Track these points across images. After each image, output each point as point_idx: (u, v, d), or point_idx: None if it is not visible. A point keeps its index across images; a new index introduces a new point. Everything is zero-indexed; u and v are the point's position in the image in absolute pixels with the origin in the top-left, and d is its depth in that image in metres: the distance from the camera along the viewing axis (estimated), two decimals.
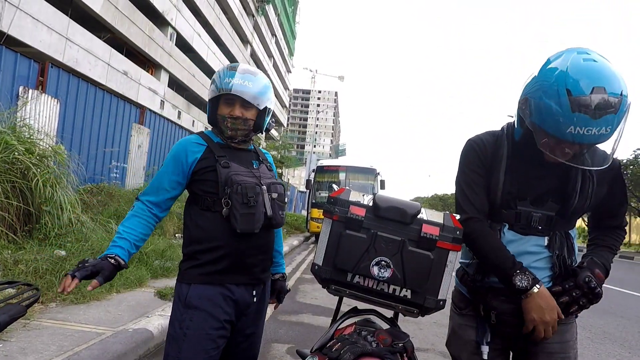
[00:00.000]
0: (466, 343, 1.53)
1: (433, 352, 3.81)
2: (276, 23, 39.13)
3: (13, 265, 3.67)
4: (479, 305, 1.49)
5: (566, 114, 1.15)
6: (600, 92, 1.12)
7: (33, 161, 4.55)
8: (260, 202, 1.57)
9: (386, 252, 1.38)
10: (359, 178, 14.98)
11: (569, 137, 1.17)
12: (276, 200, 1.64)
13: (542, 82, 1.22)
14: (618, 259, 19.80)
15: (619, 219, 1.52)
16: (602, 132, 1.15)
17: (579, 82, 1.14)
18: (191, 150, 1.61)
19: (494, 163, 1.43)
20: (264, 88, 1.65)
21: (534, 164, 1.39)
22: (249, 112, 1.63)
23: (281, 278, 1.91)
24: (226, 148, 1.66)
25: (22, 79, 6.33)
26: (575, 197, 1.37)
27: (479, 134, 1.53)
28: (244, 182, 1.56)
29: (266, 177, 1.67)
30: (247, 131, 1.66)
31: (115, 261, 1.49)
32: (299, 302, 5.39)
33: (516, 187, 1.41)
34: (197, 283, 1.56)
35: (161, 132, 10.73)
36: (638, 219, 29.74)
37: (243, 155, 1.69)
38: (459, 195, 1.50)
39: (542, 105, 1.20)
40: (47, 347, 2.59)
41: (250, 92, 1.59)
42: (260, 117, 1.67)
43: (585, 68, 1.16)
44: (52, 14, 11.97)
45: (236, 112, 1.61)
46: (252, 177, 1.61)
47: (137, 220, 1.59)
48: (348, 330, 1.49)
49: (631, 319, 5.81)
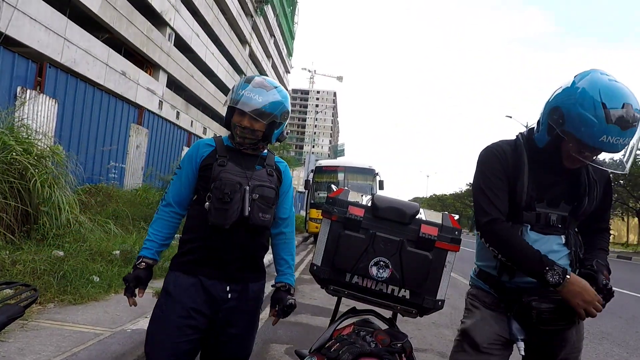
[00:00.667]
0: (495, 333, 1.56)
1: (432, 353, 3.81)
2: (275, 23, 39.11)
3: (11, 265, 3.66)
4: (512, 304, 1.51)
5: (602, 124, 1.29)
6: (629, 108, 1.30)
7: (31, 161, 4.54)
8: (236, 199, 1.61)
9: (385, 252, 1.38)
10: (358, 178, 14.99)
11: (601, 145, 1.32)
12: (257, 201, 1.66)
13: (577, 95, 1.36)
14: (616, 259, 19.84)
15: (605, 222, 1.69)
16: (626, 142, 1.32)
17: (612, 97, 1.31)
18: (202, 149, 1.75)
19: (516, 170, 1.54)
20: (274, 103, 1.67)
21: (550, 170, 1.53)
22: (258, 123, 1.67)
23: (283, 287, 1.83)
24: (234, 151, 1.74)
25: (20, 79, 6.32)
26: (586, 199, 1.52)
27: (497, 142, 1.64)
28: (226, 178, 1.63)
29: (258, 179, 1.70)
30: (255, 140, 1.72)
31: (145, 264, 1.72)
32: (298, 303, 5.37)
33: (535, 190, 1.52)
34: (175, 270, 1.70)
35: (160, 133, 10.72)
36: (635, 220, 29.82)
37: (248, 159, 1.75)
38: (481, 199, 1.54)
39: (578, 116, 1.33)
40: (45, 348, 2.58)
41: (256, 107, 1.64)
42: (269, 129, 1.71)
43: (614, 86, 1.33)
44: (50, 14, 11.94)
45: (245, 122, 1.67)
46: (240, 177, 1.66)
47: (162, 222, 1.77)
48: (347, 331, 1.49)
49: (629, 319, 5.82)
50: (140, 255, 1.74)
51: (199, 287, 1.64)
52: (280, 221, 1.86)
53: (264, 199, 1.68)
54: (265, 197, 1.68)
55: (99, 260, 4.51)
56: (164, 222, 1.77)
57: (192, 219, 1.73)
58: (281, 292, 1.83)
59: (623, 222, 33.01)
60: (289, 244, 1.89)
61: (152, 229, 1.76)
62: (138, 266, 1.72)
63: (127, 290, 1.71)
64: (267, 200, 1.69)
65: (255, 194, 1.66)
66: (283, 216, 1.86)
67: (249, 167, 1.72)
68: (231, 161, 1.69)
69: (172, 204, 1.76)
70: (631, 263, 18.25)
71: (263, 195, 1.68)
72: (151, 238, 1.75)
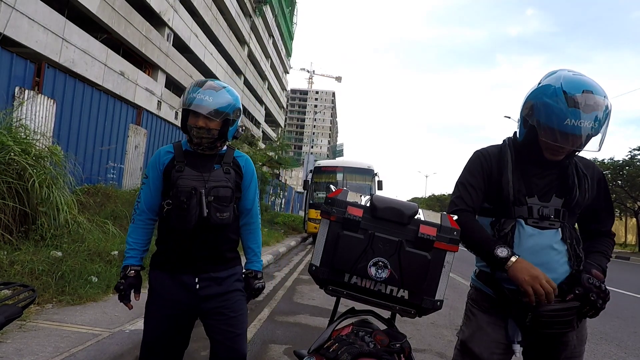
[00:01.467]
0: (494, 341, 1.59)
1: (430, 353, 3.81)
2: (273, 24, 39.09)
3: (9, 266, 3.65)
4: (510, 306, 1.54)
5: (563, 108, 1.42)
6: (589, 94, 1.42)
7: (29, 162, 4.53)
8: (193, 204, 1.74)
9: (383, 252, 1.38)
10: (357, 179, 15.00)
11: (565, 128, 1.41)
12: (213, 202, 1.77)
13: (543, 88, 1.50)
14: (614, 260, 19.88)
15: (606, 225, 1.69)
16: (592, 126, 1.41)
17: (573, 86, 1.43)
18: (163, 157, 1.88)
19: (500, 167, 1.64)
20: (225, 102, 1.79)
21: (536, 163, 1.61)
22: (213, 122, 1.79)
23: (250, 274, 1.99)
24: (192, 155, 1.87)
25: (18, 80, 6.30)
26: (575, 190, 1.57)
27: (485, 147, 1.75)
28: (183, 185, 1.76)
29: (215, 180, 1.81)
30: (211, 139, 1.83)
31: (134, 271, 1.86)
32: (297, 303, 5.38)
33: (523, 185, 1.60)
34: (154, 269, 1.89)
35: (158, 133, 10.70)
36: (633, 220, 29.89)
37: (206, 160, 1.87)
38: (454, 192, 1.70)
39: (544, 104, 1.47)
40: (43, 349, 2.58)
41: (209, 107, 1.76)
42: (224, 127, 1.82)
43: (576, 78, 1.46)
44: (49, 14, 11.92)
45: (200, 123, 1.78)
46: (197, 180, 1.79)
47: (139, 231, 1.91)
48: (345, 331, 1.49)
49: (627, 320, 5.83)
50: (128, 264, 1.87)
51: (174, 281, 1.82)
52: (245, 212, 1.99)
53: (220, 200, 1.79)
54: (221, 197, 1.80)
55: (97, 261, 4.50)
56: (140, 230, 1.90)
57: (162, 222, 1.87)
58: (249, 279, 1.99)
59: (621, 223, 33.09)
60: (254, 233, 2.02)
61: (132, 239, 1.90)
62: (128, 275, 1.85)
63: (124, 297, 1.85)
64: (222, 200, 1.80)
65: (211, 195, 1.78)
66: (247, 207, 1.98)
67: (206, 168, 1.84)
68: (189, 165, 1.82)
69: (146, 211, 1.90)
70: (629, 263, 18.28)
71: (218, 196, 1.79)
72: (133, 247, 1.89)
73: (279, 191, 24.67)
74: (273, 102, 44.90)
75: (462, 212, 1.62)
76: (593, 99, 1.41)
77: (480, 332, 1.62)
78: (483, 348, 1.59)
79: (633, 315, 6.16)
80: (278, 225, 16.78)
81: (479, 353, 1.59)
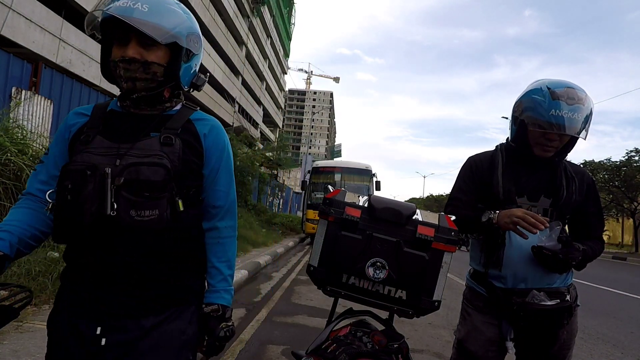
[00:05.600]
0: (488, 340, 1.66)
1: (428, 353, 3.82)
2: (271, 24, 39.11)
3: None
4: (503, 305, 1.60)
5: (548, 101, 1.55)
6: (572, 90, 1.56)
7: (26, 162, 4.51)
8: (86, 194, 1.02)
9: (381, 253, 1.39)
10: (355, 179, 15.02)
11: (550, 118, 1.54)
12: (123, 191, 1.03)
13: (530, 90, 1.65)
14: (611, 260, 19.95)
15: (596, 231, 1.75)
16: (575, 118, 1.53)
17: (556, 84, 1.59)
18: (71, 122, 1.20)
19: (490, 169, 1.72)
20: (173, 21, 1.11)
21: (526, 163, 1.69)
22: (153, 52, 1.11)
23: (213, 312, 1.19)
24: (119, 117, 1.17)
25: (14, 80, 6.28)
26: (563, 190, 1.65)
27: (478, 153, 1.84)
28: (77, 163, 1.06)
29: (136, 155, 1.07)
30: (150, 82, 1.13)
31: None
32: (295, 304, 5.38)
33: (513, 185, 1.67)
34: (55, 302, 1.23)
35: None
36: (630, 221, 30.00)
37: (138, 124, 1.15)
38: (448, 197, 1.82)
39: (531, 100, 1.61)
40: (39, 350, 2.57)
41: (144, 19, 1.05)
42: (173, 60, 1.14)
43: (559, 80, 1.62)
44: (46, 14, 11.89)
45: (130, 52, 1.09)
46: (104, 155, 1.07)
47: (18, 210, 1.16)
48: (343, 332, 1.49)
49: (624, 320, 5.85)
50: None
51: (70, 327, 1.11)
52: (212, 211, 1.24)
53: (139, 186, 1.04)
54: (142, 182, 1.04)
55: None
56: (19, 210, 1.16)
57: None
58: (211, 320, 1.19)
59: (618, 223, 33.22)
60: (225, 245, 1.25)
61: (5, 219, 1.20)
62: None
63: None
64: (144, 188, 1.04)
65: (122, 178, 1.03)
66: (215, 203, 1.24)
67: (133, 136, 1.11)
68: (105, 133, 1.12)
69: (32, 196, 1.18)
70: (626, 264, 18.34)
71: (137, 180, 1.04)
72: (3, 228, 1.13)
73: (277, 192, 24.68)
74: (271, 102, 44.90)
75: (454, 208, 1.74)
76: (575, 93, 1.55)
77: (475, 331, 1.69)
78: (478, 347, 1.66)
79: (630, 316, 6.18)
80: (276, 226, 16.78)
81: (474, 351, 1.67)
